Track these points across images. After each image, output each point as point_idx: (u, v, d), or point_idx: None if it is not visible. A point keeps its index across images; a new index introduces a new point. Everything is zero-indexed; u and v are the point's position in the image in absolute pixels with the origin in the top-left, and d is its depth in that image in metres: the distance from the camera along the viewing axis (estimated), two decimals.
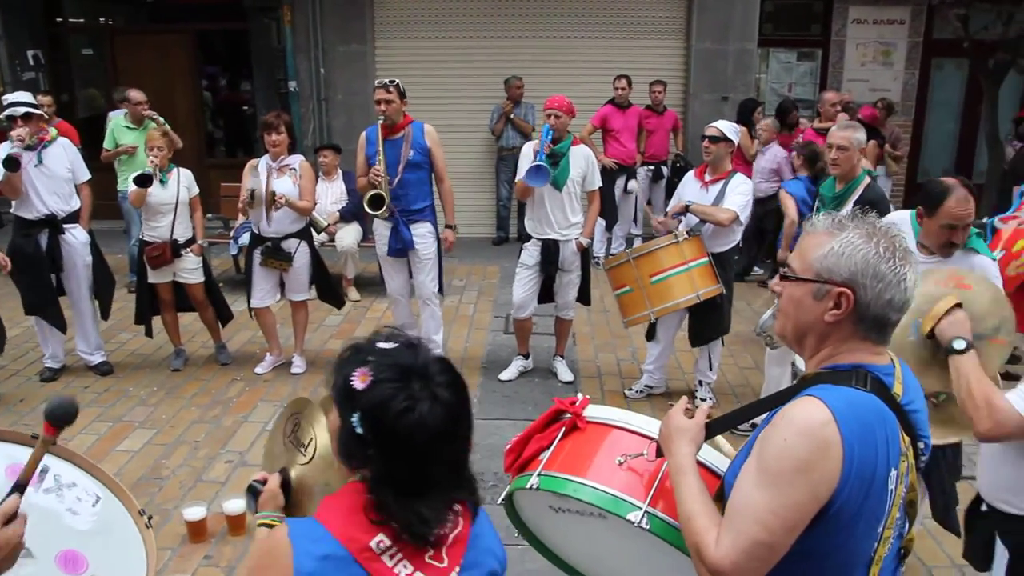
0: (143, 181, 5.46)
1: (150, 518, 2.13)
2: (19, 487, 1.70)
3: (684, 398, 1.89)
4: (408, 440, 1.45)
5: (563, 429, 1.99)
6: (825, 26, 10.36)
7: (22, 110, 5.45)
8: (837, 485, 1.50)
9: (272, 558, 1.48)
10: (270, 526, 1.81)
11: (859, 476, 1.51)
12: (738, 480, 1.60)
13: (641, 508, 1.78)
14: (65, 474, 2.10)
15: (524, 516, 2.19)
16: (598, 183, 5.61)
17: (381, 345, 1.54)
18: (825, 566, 1.58)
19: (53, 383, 5.85)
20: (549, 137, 5.31)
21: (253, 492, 1.91)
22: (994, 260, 3.46)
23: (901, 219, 3.47)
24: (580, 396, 2.06)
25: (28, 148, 5.45)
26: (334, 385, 1.53)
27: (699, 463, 1.76)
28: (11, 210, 5.72)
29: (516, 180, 5.59)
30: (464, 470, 1.58)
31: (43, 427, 1.78)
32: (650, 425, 1.90)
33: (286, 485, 1.92)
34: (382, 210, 5.38)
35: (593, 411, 2.01)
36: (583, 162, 5.46)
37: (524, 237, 5.73)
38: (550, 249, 5.54)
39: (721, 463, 1.84)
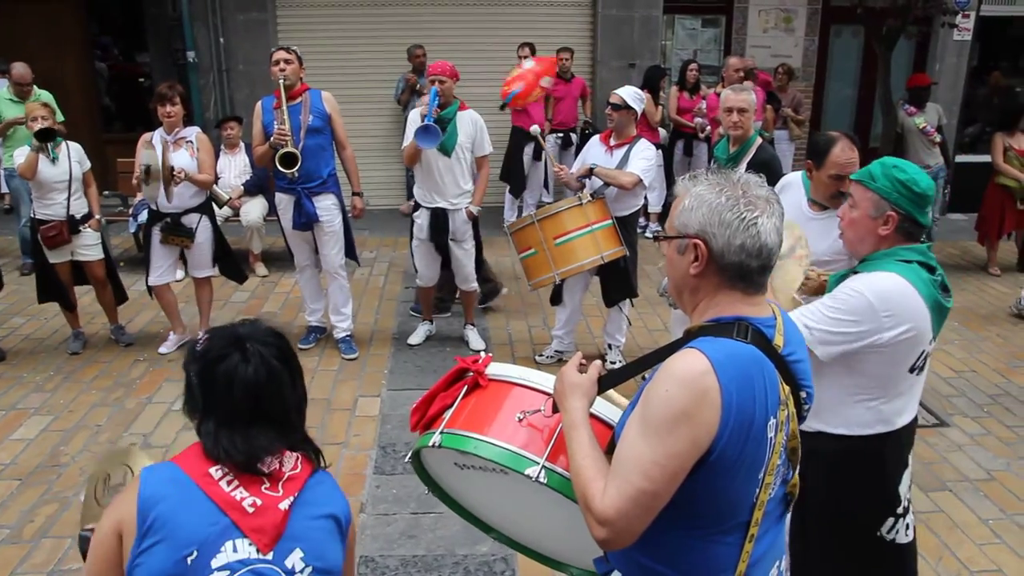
0: (45, 136, 5.24)
1: None
2: None
3: (578, 353, 1.92)
4: (222, 383, 1.70)
5: (465, 387, 2.01)
6: None
7: None
8: (716, 432, 1.55)
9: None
10: None
11: (737, 424, 1.56)
12: (624, 432, 1.65)
13: (539, 463, 1.81)
14: None
15: (433, 474, 2.22)
16: (488, 149, 5.57)
17: (231, 324, 1.83)
18: (707, 510, 1.64)
19: None
20: (437, 102, 5.25)
21: (84, 541, 1.97)
22: None
23: (794, 179, 3.62)
24: (483, 354, 2.08)
25: None
26: (187, 352, 1.81)
27: (593, 416, 1.80)
28: None
29: (404, 145, 5.52)
30: (290, 425, 1.78)
31: None
32: (549, 381, 1.93)
33: None
34: (295, 168, 5.24)
35: (495, 369, 2.03)
36: (471, 127, 5.43)
37: (414, 206, 5.69)
38: (439, 218, 5.50)
39: (615, 415, 1.88)
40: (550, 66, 7.13)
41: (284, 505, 1.70)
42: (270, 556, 1.67)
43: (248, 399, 1.70)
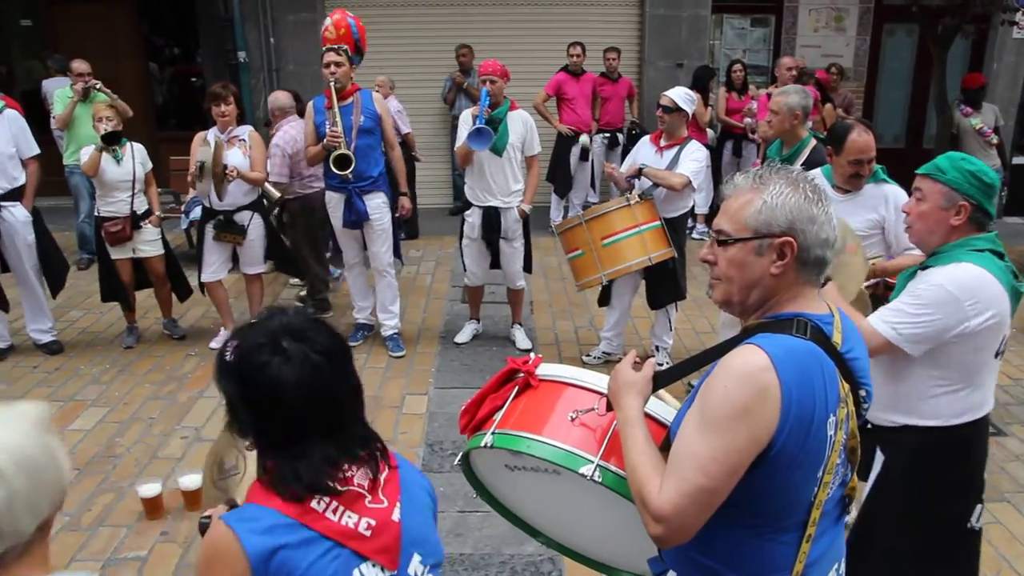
0: (111, 139, 5.37)
1: None
2: None
3: (633, 351, 1.91)
4: (278, 393, 1.52)
5: (516, 388, 2.01)
6: None
7: None
8: (776, 429, 1.53)
9: (220, 550, 1.51)
10: None
11: (797, 420, 1.54)
12: (681, 428, 1.64)
13: (593, 462, 1.80)
14: None
15: (481, 477, 2.21)
16: (537, 148, 5.58)
17: (253, 321, 1.65)
18: (765, 508, 1.63)
19: (1, 363, 5.72)
20: (488, 102, 5.28)
21: (202, 527, 1.93)
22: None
23: (816, 173, 3.77)
24: (532, 355, 2.07)
25: None
26: (215, 367, 1.61)
27: (647, 415, 1.79)
28: None
29: (456, 147, 5.55)
30: (354, 427, 1.64)
31: None
32: (601, 381, 1.92)
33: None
34: (349, 170, 5.30)
35: (545, 369, 2.02)
36: (521, 127, 5.44)
37: (465, 205, 5.72)
38: (491, 216, 5.53)
39: (669, 415, 1.87)
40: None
41: (396, 516, 1.63)
42: (396, 571, 1.62)
43: (299, 405, 1.54)
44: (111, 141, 5.44)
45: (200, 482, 3.98)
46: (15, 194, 5.59)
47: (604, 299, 5.59)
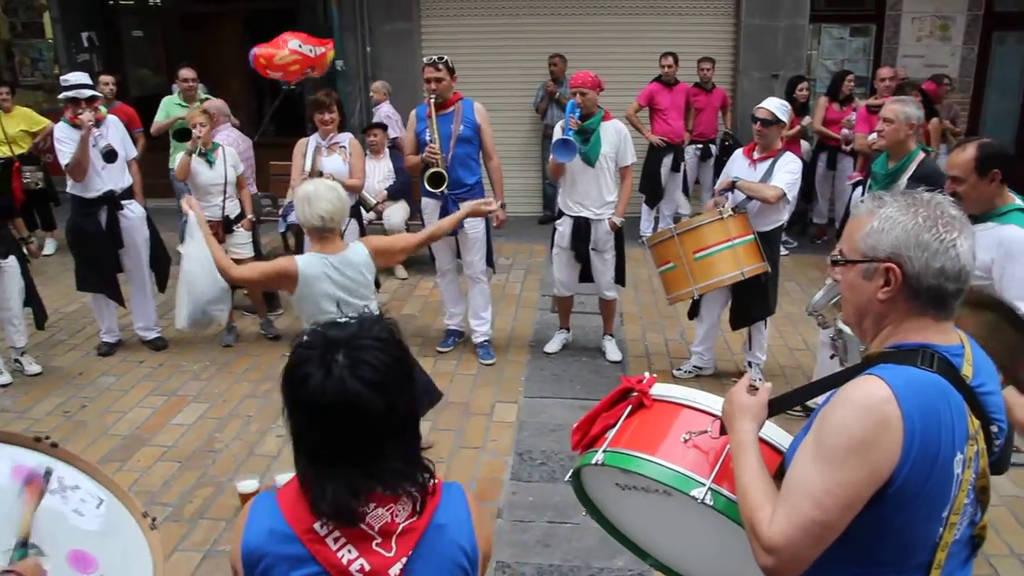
0: (182, 136, 5.57)
1: (154, 520, 2.11)
2: (23, 543, 1.73)
3: (747, 375, 1.88)
4: (310, 407, 1.48)
5: (629, 407, 2.00)
6: (880, 0, 10.08)
7: (88, 93, 5.54)
8: (897, 464, 1.47)
9: (237, 527, 1.59)
10: None
11: (921, 456, 1.48)
12: (795, 457, 1.59)
13: (705, 485, 1.78)
14: (68, 477, 2.08)
15: (591, 495, 2.20)
16: (631, 159, 5.52)
17: (338, 319, 1.58)
18: (884, 546, 1.56)
19: (109, 357, 5.99)
20: (577, 113, 5.27)
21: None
22: None
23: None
24: (647, 375, 2.06)
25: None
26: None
27: (762, 440, 1.75)
28: (67, 189, 5.82)
29: (550, 158, 5.57)
30: (395, 461, 1.52)
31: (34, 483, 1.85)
32: (716, 403, 1.90)
33: None
34: (442, 188, 5.38)
35: (660, 389, 2.01)
36: (615, 137, 5.40)
37: (557, 214, 5.71)
38: (581, 227, 5.51)
39: (785, 441, 1.83)
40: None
41: (395, 570, 1.50)
42: None
43: (331, 428, 1.48)
44: (181, 138, 5.64)
45: (257, 486, 4.07)
46: (130, 193, 5.89)
47: (695, 312, 5.51)
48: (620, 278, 5.77)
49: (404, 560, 1.51)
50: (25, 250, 5.71)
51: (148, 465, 4.54)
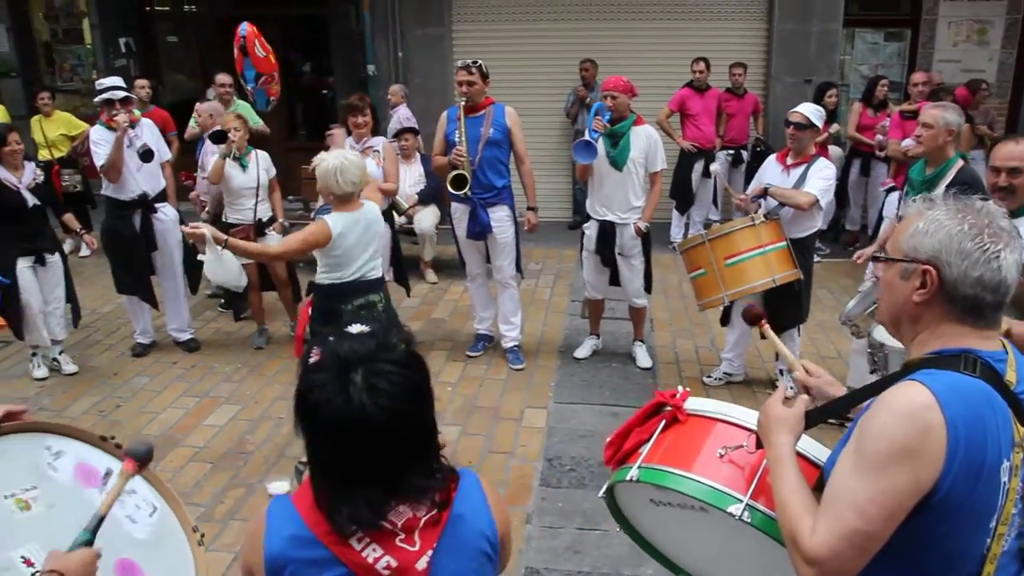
0: (218, 137, 5.64)
1: (202, 536, 2.11)
2: (96, 526, 1.72)
3: (782, 386, 1.85)
4: (321, 429, 1.46)
5: (663, 422, 1.98)
6: (915, 4, 9.96)
7: (121, 94, 5.63)
8: (941, 471, 1.45)
9: (253, 535, 1.55)
10: None
11: (966, 463, 1.45)
12: (836, 467, 1.56)
13: (742, 501, 1.76)
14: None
15: (625, 511, 2.18)
16: (661, 164, 5.49)
17: (351, 329, 1.54)
18: (930, 557, 1.53)
19: (143, 358, 6.06)
20: (607, 116, 5.25)
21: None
22: None
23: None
24: (681, 389, 2.04)
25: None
26: (301, 356, 1.55)
27: (799, 454, 1.72)
28: (102, 191, 5.92)
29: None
30: (415, 476, 1.50)
31: (125, 462, 1.83)
32: (751, 417, 1.87)
33: None
34: (464, 190, 5.40)
35: (694, 403, 1.99)
36: (645, 142, 5.37)
37: (585, 218, 5.70)
38: (606, 231, 5.49)
39: (822, 454, 1.80)
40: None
41: (422, 564, 1.50)
42: None
43: (355, 446, 1.46)
44: (217, 140, 5.70)
45: (287, 488, 4.13)
46: (163, 196, 5.97)
47: (726, 318, 5.47)
48: (648, 285, 5.75)
49: (430, 553, 1.50)
50: (83, 241, 6.03)
51: (180, 465, 4.59)
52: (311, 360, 1.49)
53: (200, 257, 4.44)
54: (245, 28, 7.19)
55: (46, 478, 1.93)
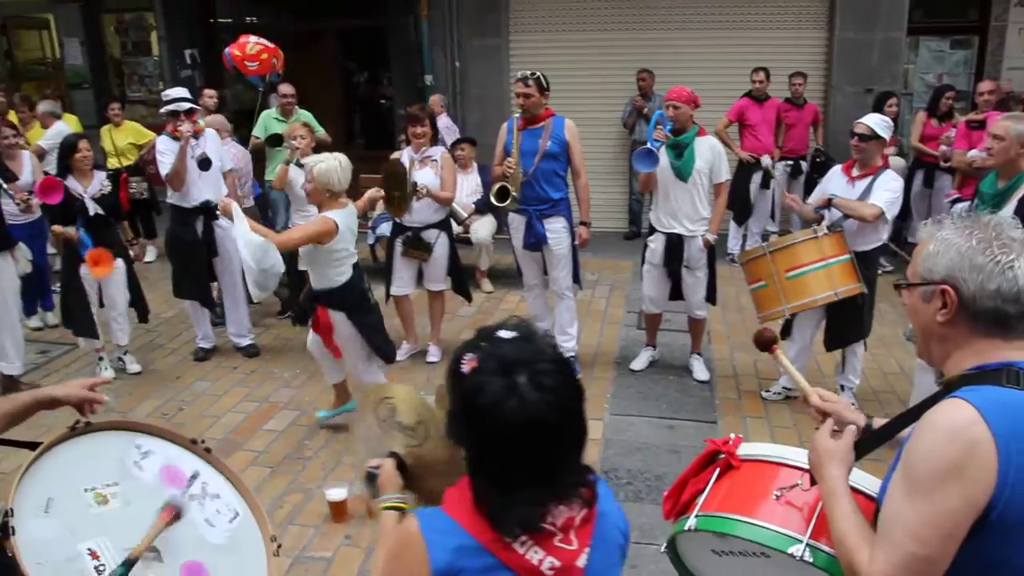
0: (275, 141, 5.74)
1: (279, 546, 2.12)
2: (129, 564, 1.75)
3: (829, 419, 1.83)
4: (494, 433, 1.47)
5: (718, 470, 1.98)
6: (983, 10, 9.72)
7: (186, 106, 5.80)
8: (995, 488, 1.42)
9: (407, 551, 1.54)
10: (397, 508, 1.88)
11: (1020, 479, 1.42)
12: (887, 493, 1.55)
13: (802, 541, 1.74)
14: (212, 483, 2.11)
15: (689, 564, 2.15)
16: (725, 175, 5.46)
17: (500, 334, 1.55)
18: None
19: (205, 363, 6.19)
20: (668, 126, 5.24)
21: (371, 478, 1.97)
22: None
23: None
24: (732, 436, 2.05)
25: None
26: (448, 366, 1.57)
27: (853, 489, 1.70)
28: (167, 199, 6.08)
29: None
30: (574, 466, 1.56)
31: (165, 509, 1.87)
32: (803, 456, 1.85)
33: (400, 467, 1.96)
34: (507, 202, 5.42)
35: (746, 449, 1.99)
36: (709, 153, 5.34)
37: (649, 230, 5.67)
38: (674, 244, 5.45)
39: (874, 485, 1.77)
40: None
41: (581, 561, 1.55)
42: None
43: (526, 447, 1.48)
44: (274, 143, 5.81)
45: (345, 495, 4.17)
46: None
47: (786, 332, 5.39)
48: (711, 297, 5.69)
49: (587, 550, 1.55)
50: (131, 252, 6.08)
51: (240, 469, 4.61)
52: (464, 368, 1.51)
53: (234, 233, 4.79)
54: (230, 58, 7.37)
55: (129, 476, 1.98)
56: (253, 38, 7.53)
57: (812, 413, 1.95)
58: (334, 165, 4.54)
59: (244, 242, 4.56)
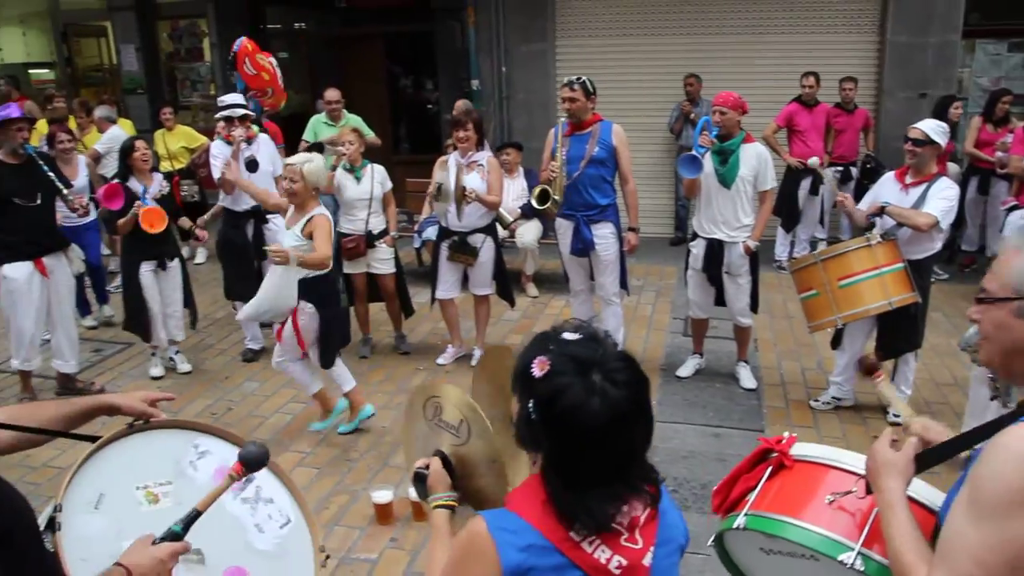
0: (316, 146, 5.84)
1: (327, 557, 2.10)
2: (189, 520, 1.71)
3: (889, 429, 1.79)
4: (577, 433, 1.48)
5: (769, 468, 1.95)
6: None
7: (240, 112, 5.91)
8: None
9: (477, 552, 1.53)
10: (447, 506, 1.90)
11: None
12: (950, 514, 1.49)
13: (854, 549, 1.70)
14: (266, 487, 2.09)
15: (736, 559, 2.13)
16: (771, 183, 5.40)
17: (565, 336, 1.57)
18: None
19: (253, 363, 6.28)
20: (713, 132, 5.20)
21: (420, 478, 1.97)
22: None
23: None
24: (787, 434, 2.00)
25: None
26: (515, 370, 1.57)
27: (912, 499, 1.66)
28: (219, 202, 6.19)
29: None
30: (642, 462, 1.59)
31: (234, 465, 1.82)
32: (859, 462, 1.81)
33: (447, 465, 1.96)
34: (547, 205, 5.42)
35: (800, 449, 1.95)
36: (754, 160, 5.28)
37: (691, 236, 5.62)
38: (714, 249, 5.41)
39: (937, 499, 1.72)
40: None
41: (647, 560, 1.56)
42: None
43: (603, 445, 1.50)
44: (321, 149, 5.89)
45: (391, 497, 4.18)
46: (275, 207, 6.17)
47: (837, 341, 5.30)
48: (754, 305, 5.63)
49: (652, 548, 1.56)
50: (196, 232, 6.20)
51: (288, 470, 4.67)
52: (535, 371, 1.52)
53: (267, 281, 4.86)
54: (238, 44, 7.23)
55: (183, 475, 1.97)
56: (275, 61, 7.41)
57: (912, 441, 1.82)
58: (320, 165, 4.80)
59: (279, 293, 4.75)
